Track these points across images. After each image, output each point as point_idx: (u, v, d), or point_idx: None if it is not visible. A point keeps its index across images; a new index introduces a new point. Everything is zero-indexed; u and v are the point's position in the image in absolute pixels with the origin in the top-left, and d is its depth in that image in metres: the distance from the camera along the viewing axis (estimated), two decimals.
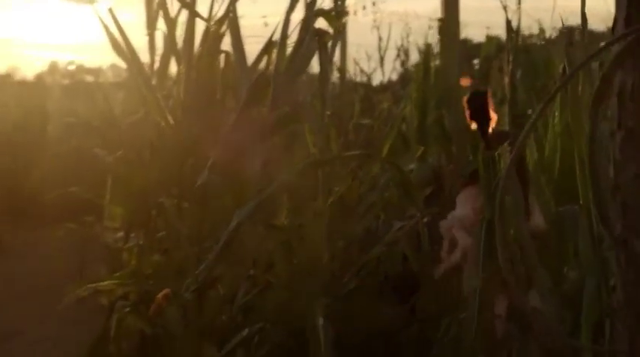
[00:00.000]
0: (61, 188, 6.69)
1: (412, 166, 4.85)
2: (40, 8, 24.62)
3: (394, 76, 11.54)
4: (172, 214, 3.75)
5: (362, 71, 7.96)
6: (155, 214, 4.01)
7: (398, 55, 9.36)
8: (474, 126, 3.41)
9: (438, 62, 5.05)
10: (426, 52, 4.80)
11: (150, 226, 4.14)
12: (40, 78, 18.30)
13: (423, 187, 4.67)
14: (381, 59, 6.70)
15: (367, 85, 9.56)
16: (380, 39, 6.60)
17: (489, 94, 3.51)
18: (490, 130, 3.67)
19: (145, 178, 3.96)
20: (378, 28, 6.66)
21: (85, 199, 5.92)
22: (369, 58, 7.02)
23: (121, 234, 4.84)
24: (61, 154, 10.00)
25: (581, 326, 2.50)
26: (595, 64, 1.88)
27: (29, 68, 18.03)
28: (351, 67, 6.90)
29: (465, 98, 3.41)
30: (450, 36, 4.94)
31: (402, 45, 9.79)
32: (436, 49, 5.14)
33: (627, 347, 1.64)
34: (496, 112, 3.51)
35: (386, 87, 10.35)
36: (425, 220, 3.93)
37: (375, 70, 7.34)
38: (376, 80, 10.38)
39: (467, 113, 3.31)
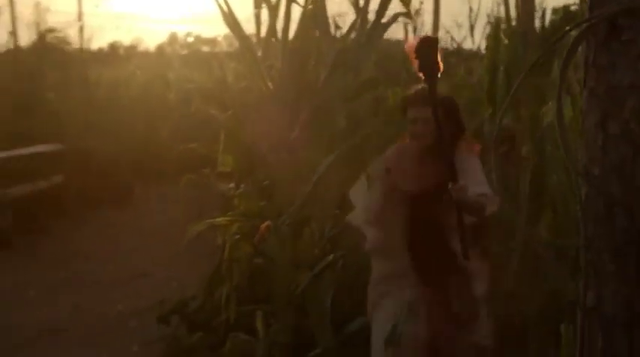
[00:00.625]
0: (182, 145, 7.39)
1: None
2: None
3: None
4: (273, 164, 4.40)
5: (452, 39, 8.35)
6: (259, 164, 4.66)
7: (488, 23, 9.65)
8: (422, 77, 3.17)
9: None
10: (496, 23, 5.18)
11: (255, 175, 4.79)
12: (160, 49, 19.20)
13: (497, 147, 5.02)
14: (471, 27, 7.03)
15: (457, 52, 9.88)
16: (470, 9, 6.94)
17: (438, 43, 3.22)
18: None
19: (250, 133, 4.63)
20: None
21: (202, 154, 6.59)
22: (459, 26, 7.35)
23: (232, 184, 5.57)
24: (182, 116, 10.73)
25: None
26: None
27: (151, 40, 18.82)
28: (443, 36, 7.29)
29: (413, 47, 3.14)
30: (526, 8, 5.34)
31: (491, 13, 10.10)
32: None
33: None
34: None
35: (475, 54, 10.68)
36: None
37: (465, 38, 7.68)
38: (468, 47, 10.73)
39: (415, 64, 3.07)
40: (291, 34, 5.02)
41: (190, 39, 16.10)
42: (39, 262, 7.07)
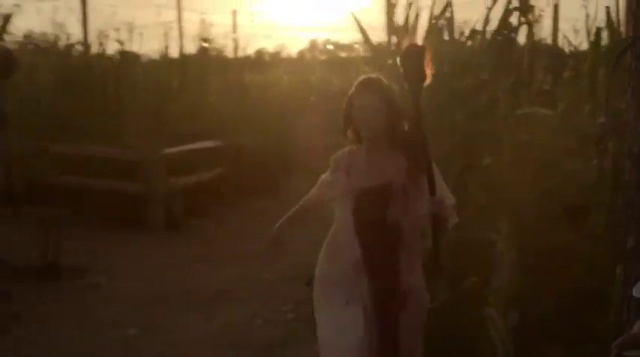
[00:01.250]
0: (321, 140, 8.02)
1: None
2: None
3: None
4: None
5: (570, 43, 8.72)
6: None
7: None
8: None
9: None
10: (597, 30, 5.62)
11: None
12: (301, 54, 19.79)
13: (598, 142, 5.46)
14: (588, 33, 7.41)
15: (574, 55, 10.16)
16: (587, 15, 7.28)
17: (427, 50, 3.02)
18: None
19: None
20: (585, 7, 7.30)
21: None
22: (576, 32, 7.68)
23: None
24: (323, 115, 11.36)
25: None
26: None
27: (293, 46, 19.54)
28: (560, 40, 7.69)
29: (400, 55, 3.00)
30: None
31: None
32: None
33: None
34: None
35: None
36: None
37: (581, 42, 8.07)
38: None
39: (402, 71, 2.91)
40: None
41: (330, 46, 16.73)
42: (204, 240, 8.01)
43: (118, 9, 13.40)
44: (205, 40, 12.59)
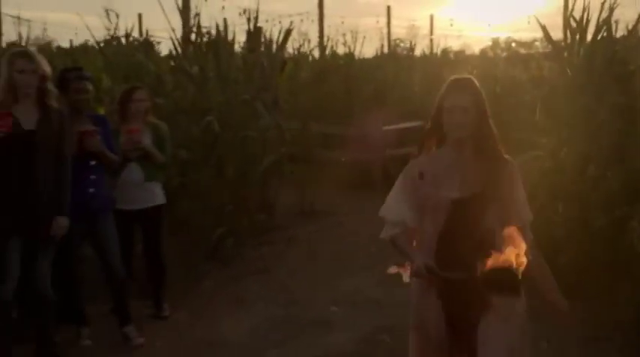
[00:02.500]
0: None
1: None
2: None
3: None
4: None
5: None
6: None
7: None
8: None
9: None
10: None
11: None
12: (484, 52, 19.33)
13: None
14: None
15: None
16: None
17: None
18: None
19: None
20: None
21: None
22: None
23: None
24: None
25: None
26: None
27: (475, 45, 20.05)
28: None
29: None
30: None
31: None
32: None
33: None
34: None
35: None
36: None
37: None
38: None
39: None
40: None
41: (513, 44, 17.21)
42: None
43: (345, 19, 15.09)
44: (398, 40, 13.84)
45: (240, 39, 8.15)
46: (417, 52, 14.46)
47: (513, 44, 16.09)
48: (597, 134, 5.65)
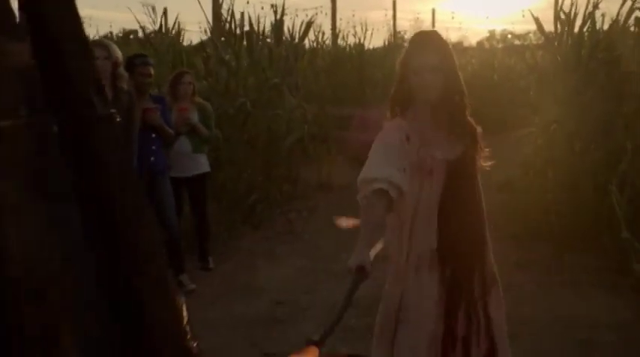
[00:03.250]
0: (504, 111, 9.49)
1: None
2: None
3: None
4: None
5: None
6: None
7: None
8: None
9: None
10: None
11: None
12: (480, 44, 20.75)
13: None
14: None
15: None
16: None
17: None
18: None
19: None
20: None
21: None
22: None
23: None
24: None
25: None
26: None
27: (473, 37, 20.49)
28: None
29: None
30: None
31: None
32: None
33: None
34: None
35: None
36: None
37: None
38: None
39: None
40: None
41: (509, 36, 17.71)
42: None
43: (356, 12, 15.57)
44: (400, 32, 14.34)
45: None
46: None
47: (509, 36, 16.54)
48: (584, 112, 6.19)
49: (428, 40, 2.50)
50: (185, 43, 9.00)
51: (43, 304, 1.17)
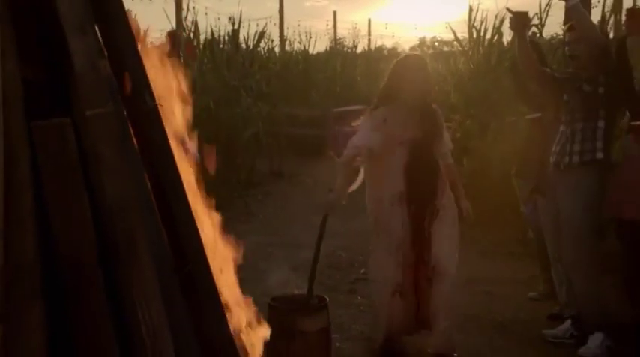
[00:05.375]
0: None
1: None
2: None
3: None
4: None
5: None
6: None
7: None
8: None
9: None
10: None
11: None
12: (413, 50, 21.56)
13: None
14: None
15: None
16: None
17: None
18: None
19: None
20: None
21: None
22: None
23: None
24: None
25: None
26: None
27: (407, 44, 21.17)
28: None
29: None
30: None
31: None
32: None
33: None
34: None
35: None
36: None
37: None
38: None
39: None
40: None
41: (436, 43, 18.52)
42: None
43: (301, 22, 16.16)
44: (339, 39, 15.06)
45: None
46: (359, 49, 15.66)
47: (436, 44, 17.40)
48: (493, 110, 6.99)
49: (421, 65, 3.70)
50: None
51: (127, 222, 1.78)
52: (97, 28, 1.90)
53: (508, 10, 3.83)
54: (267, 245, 6.36)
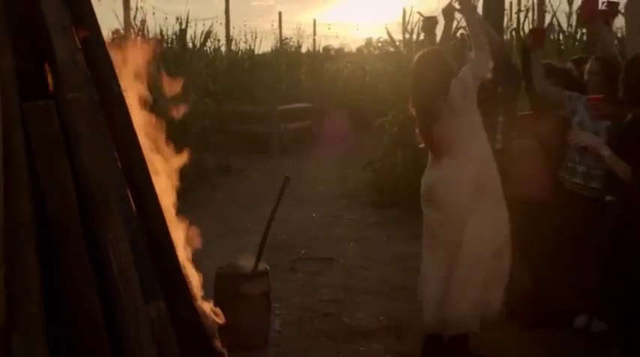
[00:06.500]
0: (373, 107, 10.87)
1: None
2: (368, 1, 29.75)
3: None
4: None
5: None
6: None
7: None
8: None
9: None
10: None
11: None
12: (360, 50, 21.67)
13: None
14: None
15: None
16: None
17: None
18: None
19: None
20: None
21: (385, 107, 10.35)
22: None
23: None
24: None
25: None
26: None
27: (354, 44, 21.58)
28: None
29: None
30: None
31: None
32: None
33: None
34: None
35: None
36: None
37: None
38: None
39: None
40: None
41: (380, 44, 19.14)
42: (302, 158, 10.87)
43: (247, 22, 16.51)
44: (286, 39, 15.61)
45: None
46: (303, 49, 16.09)
47: (380, 44, 17.99)
48: None
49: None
50: None
51: (101, 184, 2.26)
52: (73, 29, 2.37)
53: (419, 13, 4.39)
54: (215, 231, 6.81)
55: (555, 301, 4.19)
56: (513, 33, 8.51)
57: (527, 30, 8.10)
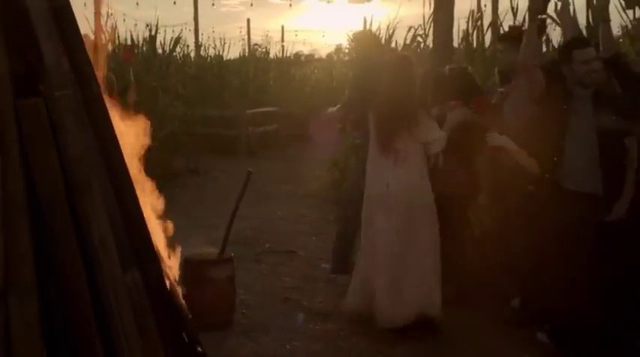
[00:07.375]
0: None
1: None
2: (333, 9, 30.26)
3: None
4: None
5: None
6: None
7: None
8: None
9: None
10: None
11: None
12: (330, 56, 20.80)
13: None
14: None
15: None
16: None
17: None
18: None
19: None
20: None
21: None
22: None
23: None
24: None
25: None
26: None
27: (324, 50, 21.96)
28: None
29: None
30: None
31: None
32: None
33: None
34: None
35: None
36: None
37: None
38: None
39: None
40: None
41: (347, 50, 19.61)
42: (269, 160, 11.42)
43: (216, 28, 16.87)
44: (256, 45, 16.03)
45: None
46: (271, 55, 16.51)
47: (346, 50, 18.43)
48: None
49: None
50: None
51: (84, 170, 2.66)
52: (58, 35, 2.76)
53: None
54: (184, 226, 7.14)
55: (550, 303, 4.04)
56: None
57: None
